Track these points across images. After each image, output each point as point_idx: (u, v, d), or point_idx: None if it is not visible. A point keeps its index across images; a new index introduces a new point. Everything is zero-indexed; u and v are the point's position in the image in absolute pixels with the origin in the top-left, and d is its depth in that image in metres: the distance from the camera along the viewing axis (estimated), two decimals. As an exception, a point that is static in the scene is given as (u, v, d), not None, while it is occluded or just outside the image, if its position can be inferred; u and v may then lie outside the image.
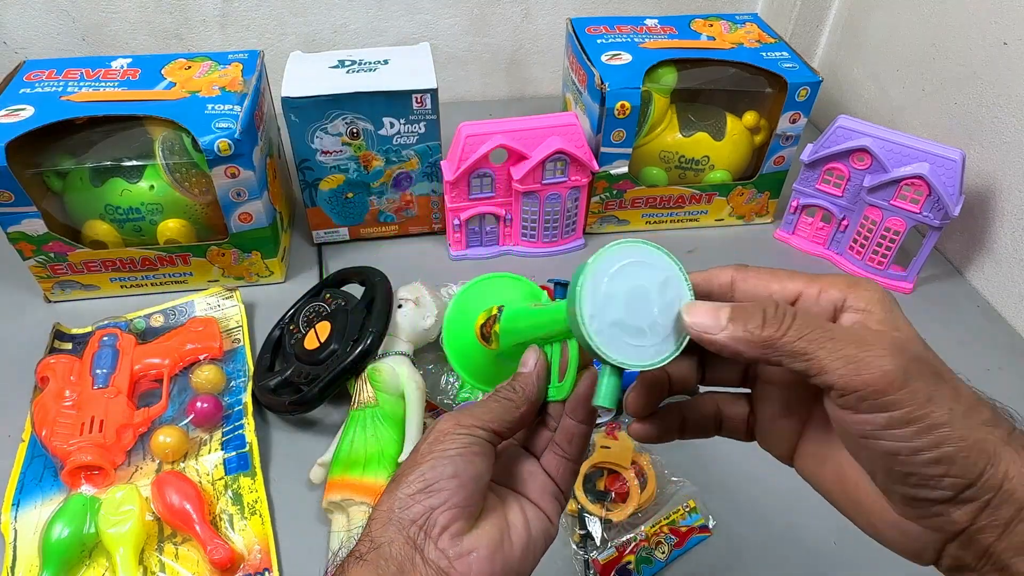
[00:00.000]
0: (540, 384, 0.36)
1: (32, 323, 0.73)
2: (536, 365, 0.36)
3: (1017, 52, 0.75)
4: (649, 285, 0.30)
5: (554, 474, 0.37)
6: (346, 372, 0.61)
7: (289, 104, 0.71)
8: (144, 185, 0.72)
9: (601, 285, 0.29)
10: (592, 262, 0.30)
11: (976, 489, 0.26)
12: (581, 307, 0.29)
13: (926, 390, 0.26)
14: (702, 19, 0.89)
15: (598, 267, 0.30)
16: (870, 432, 0.27)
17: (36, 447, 0.61)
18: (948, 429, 0.26)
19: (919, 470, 0.26)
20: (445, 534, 0.31)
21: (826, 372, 0.26)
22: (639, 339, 0.30)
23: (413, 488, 0.32)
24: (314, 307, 0.69)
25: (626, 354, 0.29)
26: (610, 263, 0.30)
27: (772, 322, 0.27)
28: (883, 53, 0.97)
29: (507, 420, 0.35)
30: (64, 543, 0.53)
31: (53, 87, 0.70)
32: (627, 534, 0.56)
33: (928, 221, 0.76)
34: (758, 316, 0.28)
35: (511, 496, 0.36)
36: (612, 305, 0.29)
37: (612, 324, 0.29)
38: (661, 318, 0.30)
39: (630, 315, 0.30)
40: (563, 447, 0.36)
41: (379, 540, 0.31)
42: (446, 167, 0.78)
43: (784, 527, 0.58)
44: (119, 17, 0.99)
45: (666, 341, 0.30)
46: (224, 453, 0.61)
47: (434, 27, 1.09)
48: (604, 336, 0.29)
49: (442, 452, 0.33)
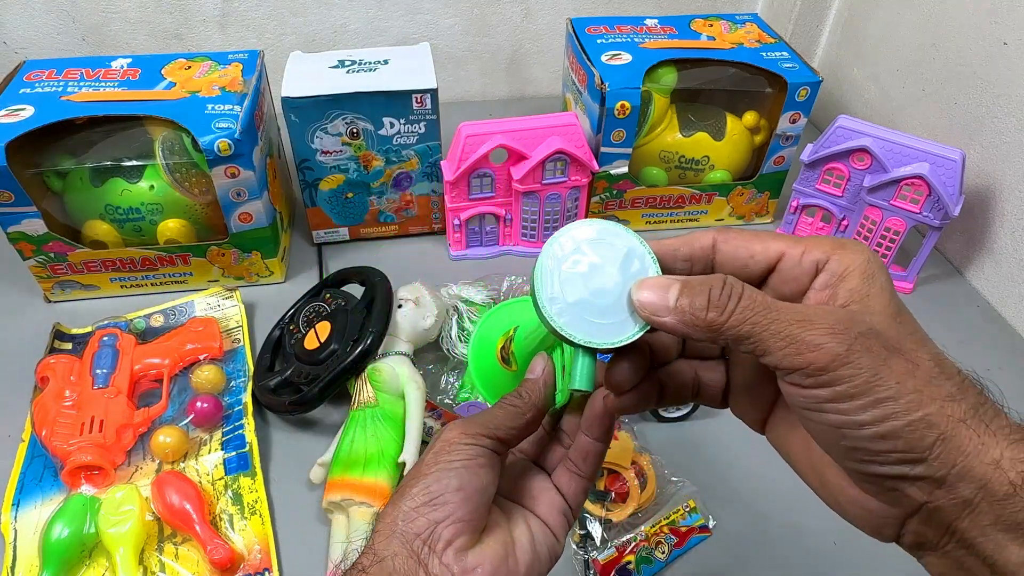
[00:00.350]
0: (546, 390, 0.36)
1: (32, 323, 0.73)
2: (543, 371, 0.36)
3: (1017, 52, 0.75)
4: (610, 262, 0.30)
5: (565, 491, 0.36)
6: (346, 372, 0.61)
7: (289, 104, 0.71)
8: (144, 185, 0.72)
9: (560, 266, 0.29)
10: (549, 245, 0.30)
11: (927, 465, 0.25)
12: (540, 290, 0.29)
13: (872, 365, 0.26)
14: (702, 19, 0.89)
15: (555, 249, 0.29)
16: (816, 406, 0.26)
17: (36, 447, 0.61)
18: (893, 404, 0.25)
19: (865, 445, 0.26)
20: (450, 549, 0.30)
21: (769, 353, 0.26)
22: (603, 317, 0.29)
23: (417, 501, 0.31)
24: (314, 307, 0.69)
25: (591, 334, 0.29)
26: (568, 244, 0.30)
27: (716, 305, 0.27)
28: (883, 53, 0.97)
29: (512, 427, 0.34)
30: (64, 543, 0.53)
31: (53, 87, 0.70)
32: (627, 534, 0.56)
33: (928, 221, 0.76)
34: (703, 297, 0.27)
35: (518, 511, 0.35)
36: (573, 285, 0.29)
37: (574, 304, 0.29)
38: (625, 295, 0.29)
39: (592, 294, 0.29)
40: (577, 464, 0.36)
41: (382, 553, 0.30)
42: (446, 167, 0.78)
43: (784, 527, 0.59)
44: (119, 17, 0.99)
45: (632, 316, 0.29)
46: (224, 453, 0.61)
47: (434, 27, 1.09)
48: (566, 317, 0.29)
49: (447, 464, 0.32)
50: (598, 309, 0.29)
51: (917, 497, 0.26)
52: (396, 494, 0.33)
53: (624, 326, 0.29)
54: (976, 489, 0.25)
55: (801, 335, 0.26)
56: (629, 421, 0.64)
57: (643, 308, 0.29)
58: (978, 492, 0.25)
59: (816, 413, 0.27)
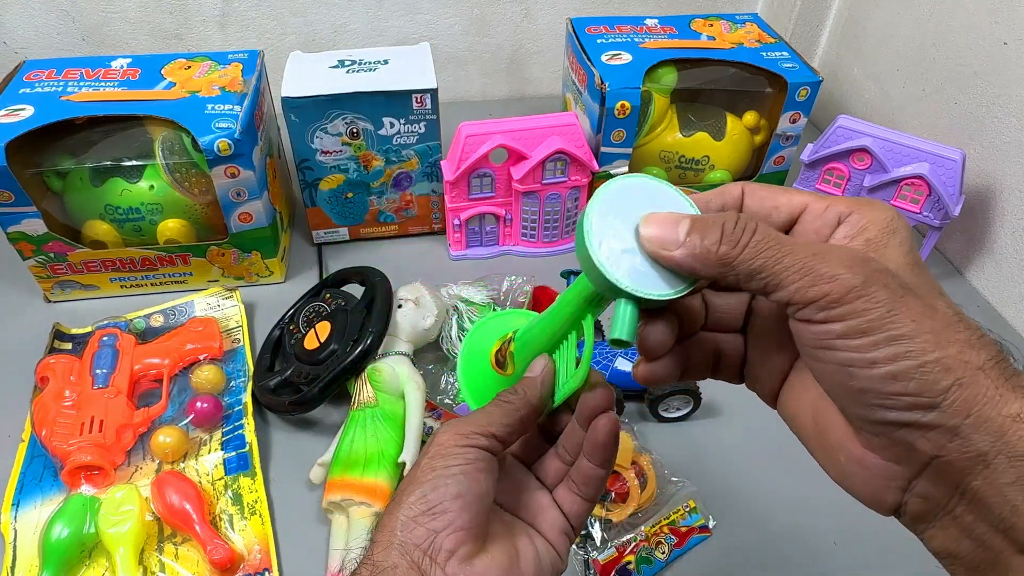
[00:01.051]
0: (543, 388, 0.35)
1: (32, 323, 0.73)
2: (542, 370, 0.35)
3: (1017, 52, 0.75)
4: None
5: (568, 510, 0.35)
6: (346, 372, 0.61)
7: (289, 104, 0.71)
8: (144, 185, 0.72)
9: (609, 215, 0.28)
10: (599, 193, 0.29)
11: (939, 412, 0.24)
12: (590, 236, 0.28)
13: (888, 300, 0.24)
14: (702, 19, 0.89)
15: (605, 198, 0.28)
16: (825, 343, 0.25)
17: (36, 447, 0.61)
18: (908, 342, 0.24)
19: (875, 386, 0.24)
20: (453, 559, 0.29)
21: (782, 287, 0.25)
22: (652, 269, 0.28)
23: (415, 510, 0.30)
24: (314, 307, 0.69)
25: (640, 283, 0.28)
26: (617, 194, 0.29)
27: (729, 239, 0.26)
28: (883, 53, 0.97)
29: (507, 423, 0.33)
30: (64, 543, 0.53)
31: (53, 87, 0.70)
32: (627, 534, 0.56)
33: (928, 221, 0.76)
34: (716, 231, 0.26)
35: (519, 525, 0.34)
36: (622, 234, 0.28)
37: (624, 252, 0.28)
38: None
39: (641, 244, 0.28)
40: (579, 487, 0.35)
41: (381, 565, 0.29)
42: (446, 167, 0.78)
43: (784, 527, 0.58)
44: (119, 17, 0.99)
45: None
46: (224, 453, 0.61)
47: (434, 27, 1.09)
48: (615, 264, 0.28)
49: (444, 469, 0.31)
50: (647, 260, 0.28)
51: (926, 449, 0.24)
52: (393, 502, 0.32)
53: (672, 280, 0.28)
54: (992, 442, 0.23)
55: (816, 266, 0.25)
56: (629, 421, 0.64)
57: (650, 242, 0.28)
58: (995, 445, 0.23)
59: (826, 351, 0.25)
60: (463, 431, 0.32)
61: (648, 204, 0.29)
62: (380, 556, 0.30)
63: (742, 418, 0.66)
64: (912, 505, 0.26)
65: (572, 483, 0.35)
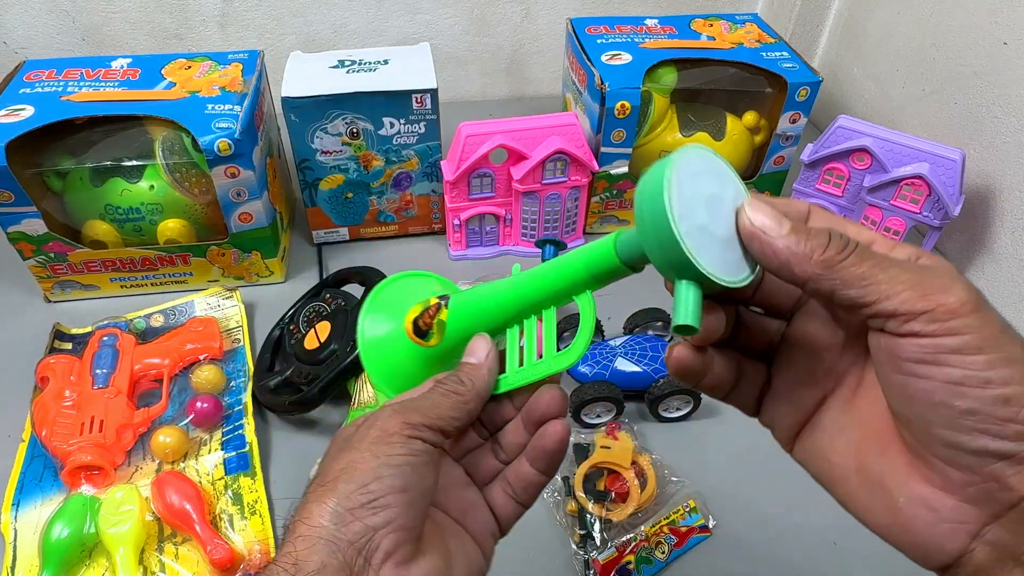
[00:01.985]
0: (490, 377, 0.32)
1: (32, 323, 0.73)
2: (487, 356, 0.32)
3: (1017, 52, 0.75)
4: (725, 194, 0.27)
5: (500, 513, 0.33)
6: (346, 372, 0.61)
7: (289, 104, 0.71)
8: (144, 185, 0.72)
9: (684, 185, 0.25)
10: (676, 158, 0.26)
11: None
12: (671, 204, 0.25)
13: (1000, 322, 0.23)
14: (702, 19, 0.89)
15: (681, 165, 0.26)
16: (935, 357, 0.23)
17: (36, 447, 0.61)
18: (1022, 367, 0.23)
19: (984, 407, 0.23)
20: (389, 562, 0.26)
21: (888, 298, 0.24)
22: (724, 250, 0.26)
23: (353, 501, 0.26)
24: (314, 307, 0.69)
25: (715, 265, 0.25)
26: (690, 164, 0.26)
27: (836, 245, 0.25)
28: (883, 53, 0.97)
29: (455, 417, 0.30)
30: (64, 543, 0.53)
31: (53, 87, 0.70)
32: (627, 534, 0.56)
33: (928, 221, 0.76)
34: (822, 236, 0.25)
35: (449, 524, 0.31)
36: (696, 207, 0.25)
37: (699, 229, 0.25)
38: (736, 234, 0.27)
39: (713, 222, 0.26)
40: (515, 490, 0.33)
41: (305, 564, 0.25)
42: (446, 167, 0.78)
43: (784, 527, 0.59)
44: (119, 17, 0.99)
45: (745, 257, 0.27)
46: (224, 453, 0.61)
47: (434, 27, 1.09)
48: (694, 240, 0.25)
49: (388, 459, 0.27)
50: (719, 241, 0.26)
51: (1019, 487, 0.23)
52: (321, 487, 0.28)
53: (738, 265, 0.26)
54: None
55: (926, 279, 0.24)
56: (629, 421, 0.64)
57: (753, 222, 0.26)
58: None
59: (932, 367, 0.23)
60: (411, 420, 0.29)
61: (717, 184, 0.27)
62: (304, 551, 0.26)
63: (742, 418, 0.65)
64: (979, 554, 0.24)
65: (508, 485, 0.33)
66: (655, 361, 0.65)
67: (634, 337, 0.67)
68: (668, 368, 0.31)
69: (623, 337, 0.68)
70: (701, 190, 0.26)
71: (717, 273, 0.25)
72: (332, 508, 0.26)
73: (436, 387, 0.31)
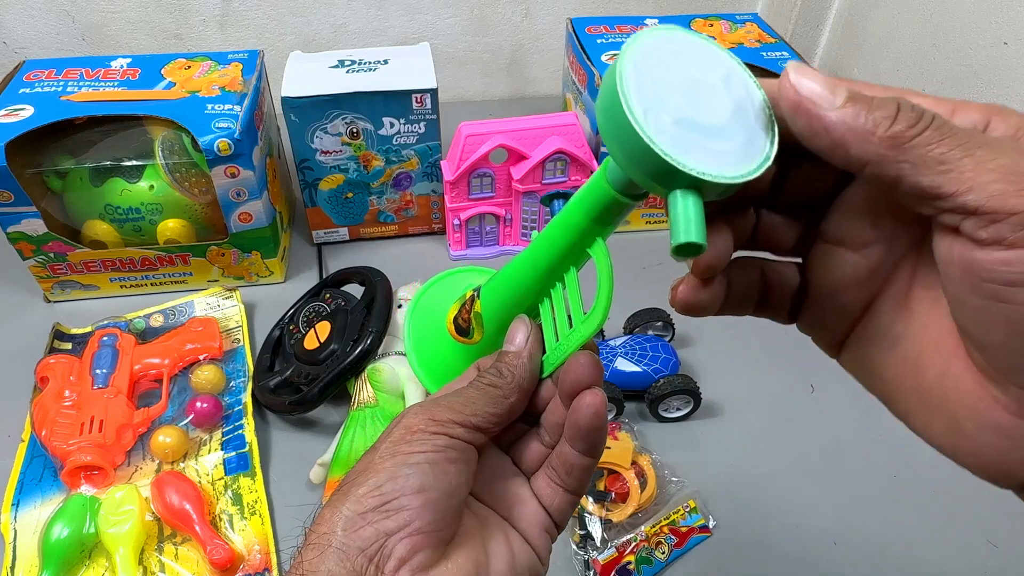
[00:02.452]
0: (531, 364, 0.29)
1: (32, 323, 0.73)
2: (527, 341, 0.29)
3: (1017, 52, 0.75)
4: (712, 75, 0.22)
5: (548, 504, 0.29)
6: (346, 372, 0.61)
7: (289, 104, 0.71)
8: (144, 185, 0.72)
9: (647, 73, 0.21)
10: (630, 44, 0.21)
11: None
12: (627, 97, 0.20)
13: None
14: (702, 19, 0.89)
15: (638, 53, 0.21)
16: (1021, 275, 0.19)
17: (36, 447, 0.61)
18: None
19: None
20: (404, 568, 0.24)
21: (971, 190, 0.19)
22: (720, 142, 0.21)
23: (365, 505, 0.24)
24: (314, 307, 0.69)
25: (706, 163, 0.20)
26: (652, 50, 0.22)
27: (907, 116, 0.20)
28: (883, 53, 0.97)
29: (493, 413, 0.27)
30: (64, 543, 0.53)
31: (53, 87, 0.70)
32: (627, 534, 0.56)
33: (928, 221, 0.76)
34: (891, 105, 0.20)
35: (494, 520, 0.29)
36: (669, 97, 0.21)
37: (676, 122, 0.21)
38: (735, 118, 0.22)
39: (699, 111, 0.21)
40: (561, 476, 0.29)
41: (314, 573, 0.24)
42: (446, 167, 0.78)
43: (784, 527, 0.58)
44: (119, 17, 0.99)
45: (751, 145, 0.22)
46: (224, 453, 0.61)
47: (434, 27, 1.09)
48: (668, 137, 0.20)
49: (406, 457, 0.25)
50: (711, 132, 0.21)
51: None
52: (338, 492, 0.26)
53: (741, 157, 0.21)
54: None
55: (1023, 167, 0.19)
56: (629, 421, 0.64)
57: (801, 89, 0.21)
58: None
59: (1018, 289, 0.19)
60: (438, 416, 0.27)
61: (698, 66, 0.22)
62: (312, 561, 0.24)
63: (742, 418, 0.66)
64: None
65: (552, 471, 0.29)
66: (655, 361, 0.65)
67: (634, 337, 0.67)
68: (674, 307, 0.27)
69: (623, 337, 0.68)
70: (675, 76, 0.22)
71: (711, 171, 0.21)
72: (343, 512, 0.25)
73: (475, 380, 0.29)
